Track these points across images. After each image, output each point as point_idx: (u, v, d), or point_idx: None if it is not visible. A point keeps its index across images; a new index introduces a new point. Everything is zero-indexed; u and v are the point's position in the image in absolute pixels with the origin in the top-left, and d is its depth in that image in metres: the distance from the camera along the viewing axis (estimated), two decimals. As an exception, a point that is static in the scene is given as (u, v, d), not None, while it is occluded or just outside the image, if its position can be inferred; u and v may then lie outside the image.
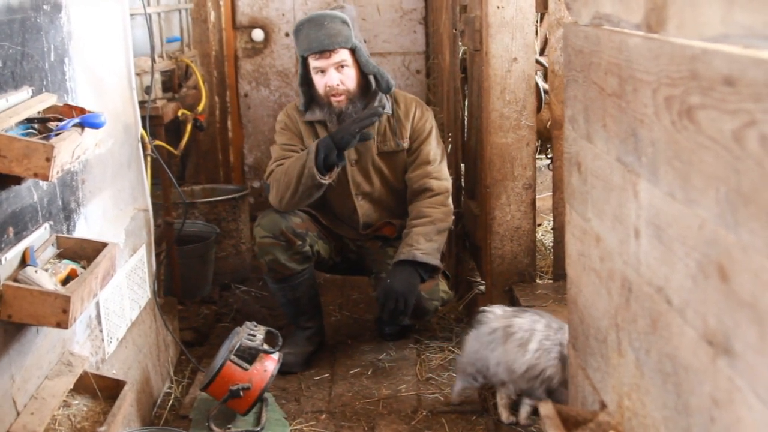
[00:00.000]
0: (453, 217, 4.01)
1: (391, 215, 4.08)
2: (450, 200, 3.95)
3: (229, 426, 3.30)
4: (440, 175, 3.94)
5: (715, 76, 1.13)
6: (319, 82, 3.84)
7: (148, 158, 3.66)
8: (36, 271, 2.23)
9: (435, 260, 3.79)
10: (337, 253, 4.13)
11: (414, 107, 3.99)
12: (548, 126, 3.97)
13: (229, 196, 5.05)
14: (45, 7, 2.55)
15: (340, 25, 3.78)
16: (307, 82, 3.91)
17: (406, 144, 3.96)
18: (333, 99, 3.83)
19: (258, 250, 3.90)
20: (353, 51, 3.82)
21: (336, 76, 3.80)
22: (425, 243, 3.78)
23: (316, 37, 3.74)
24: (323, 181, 3.74)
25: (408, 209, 3.96)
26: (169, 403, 3.61)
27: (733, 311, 1.12)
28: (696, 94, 1.20)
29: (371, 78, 3.91)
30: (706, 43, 1.18)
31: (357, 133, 3.66)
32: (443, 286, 3.96)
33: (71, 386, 2.48)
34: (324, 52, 3.76)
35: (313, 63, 3.81)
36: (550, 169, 4.36)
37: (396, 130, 3.96)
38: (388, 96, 3.96)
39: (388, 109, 3.93)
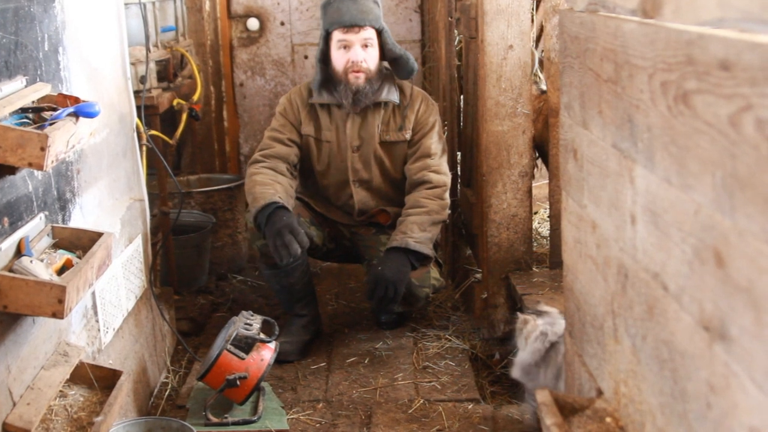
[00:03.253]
0: (448, 212, 4.00)
1: (387, 203, 4.07)
2: (447, 195, 3.93)
3: (226, 415, 3.30)
4: (440, 169, 3.93)
5: (711, 61, 1.12)
6: (340, 58, 3.83)
7: (144, 148, 3.65)
8: (31, 261, 2.23)
9: (427, 250, 3.78)
10: (331, 239, 4.12)
11: (420, 100, 3.99)
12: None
13: (225, 186, 5.05)
14: (38, -4, 2.54)
15: (372, 4, 3.80)
16: (324, 59, 3.90)
17: (408, 135, 3.96)
18: (352, 75, 3.82)
19: (250, 235, 3.91)
20: (380, 33, 3.82)
21: (361, 53, 3.81)
22: (419, 232, 3.77)
23: (347, 10, 3.75)
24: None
25: (405, 199, 3.94)
26: (166, 393, 3.61)
27: (729, 296, 1.12)
28: (692, 79, 1.20)
29: (383, 65, 3.92)
30: (702, 28, 1.17)
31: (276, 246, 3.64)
32: (434, 273, 3.96)
33: (67, 376, 2.48)
34: (353, 26, 3.76)
35: (339, 36, 3.81)
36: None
37: (399, 121, 3.95)
38: (395, 85, 3.95)
39: (396, 98, 3.93)
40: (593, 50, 1.75)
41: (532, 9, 3.92)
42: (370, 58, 3.83)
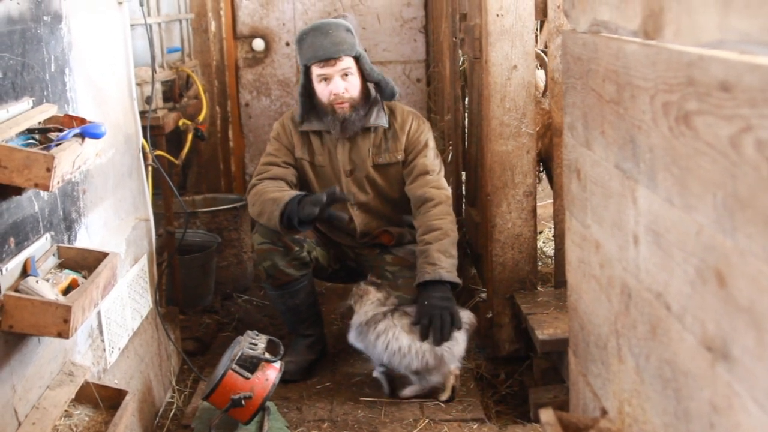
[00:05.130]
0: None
1: (389, 223, 4.07)
2: (451, 209, 3.93)
3: (231, 435, 3.30)
4: (439, 184, 3.92)
5: (712, 82, 1.13)
6: (323, 91, 3.83)
7: (149, 168, 3.67)
8: (37, 282, 2.24)
9: (458, 279, 3.73)
10: (336, 260, 4.12)
11: (410, 120, 3.98)
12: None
13: (231, 206, 5.06)
14: (45, 18, 2.56)
15: (344, 33, 3.78)
16: (307, 92, 3.91)
17: (400, 156, 3.95)
18: (337, 106, 3.83)
19: (256, 257, 3.91)
20: (357, 59, 3.82)
21: (341, 84, 3.80)
22: (446, 260, 3.70)
23: (321, 44, 3.74)
24: (288, 234, 3.79)
25: (415, 224, 3.90)
26: (171, 413, 3.61)
27: (731, 317, 1.12)
28: (693, 100, 1.20)
29: (371, 87, 3.92)
30: (702, 50, 1.18)
31: (317, 218, 3.63)
32: None
33: (73, 396, 2.48)
34: (329, 59, 3.76)
35: (318, 71, 3.81)
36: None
37: (391, 143, 3.95)
38: (385, 108, 3.95)
39: (384, 122, 3.93)
40: (596, 71, 1.75)
41: (536, 30, 3.94)
42: (351, 87, 3.82)
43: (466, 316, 3.62)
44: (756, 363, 1.06)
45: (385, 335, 3.55)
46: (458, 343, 3.56)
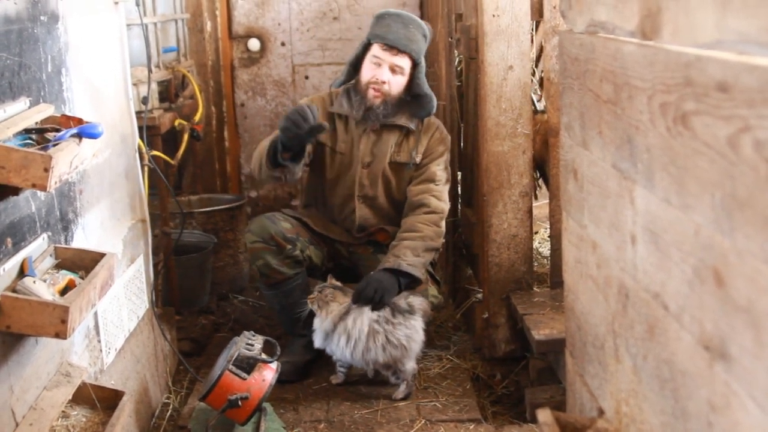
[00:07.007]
0: (443, 241, 4.00)
1: (388, 223, 4.07)
2: (443, 224, 3.94)
3: (227, 435, 3.30)
4: (441, 195, 3.95)
5: (710, 83, 1.14)
6: (368, 71, 3.89)
7: (146, 168, 3.67)
8: (34, 282, 2.23)
9: (419, 273, 3.76)
10: (330, 259, 4.12)
11: (435, 128, 4.04)
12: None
13: (227, 206, 5.06)
14: (42, 18, 2.56)
15: (419, 36, 3.87)
16: (356, 66, 3.96)
17: (417, 159, 3.97)
18: (371, 91, 3.88)
19: (249, 255, 3.92)
20: (415, 66, 3.85)
21: (387, 74, 3.85)
22: (412, 257, 3.75)
23: (396, 30, 3.81)
24: (275, 175, 3.77)
25: (401, 222, 3.95)
26: (168, 414, 3.61)
27: (729, 316, 1.12)
28: (690, 101, 1.21)
29: (409, 99, 3.95)
30: (700, 50, 1.19)
31: (286, 132, 3.54)
32: (433, 291, 3.95)
33: (70, 397, 2.48)
34: (393, 48, 3.80)
35: (376, 51, 3.87)
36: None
37: (412, 144, 3.97)
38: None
39: (413, 126, 3.97)
40: (593, 71, 1.76)
41: (532, 30, 3.94)
42: (394, 83, 3.87)
43: (418, 302, 3.69)
44: (754, 362, 1.06)
45: (347, 336, 3.62)
46: (417, 330, 3.65)
